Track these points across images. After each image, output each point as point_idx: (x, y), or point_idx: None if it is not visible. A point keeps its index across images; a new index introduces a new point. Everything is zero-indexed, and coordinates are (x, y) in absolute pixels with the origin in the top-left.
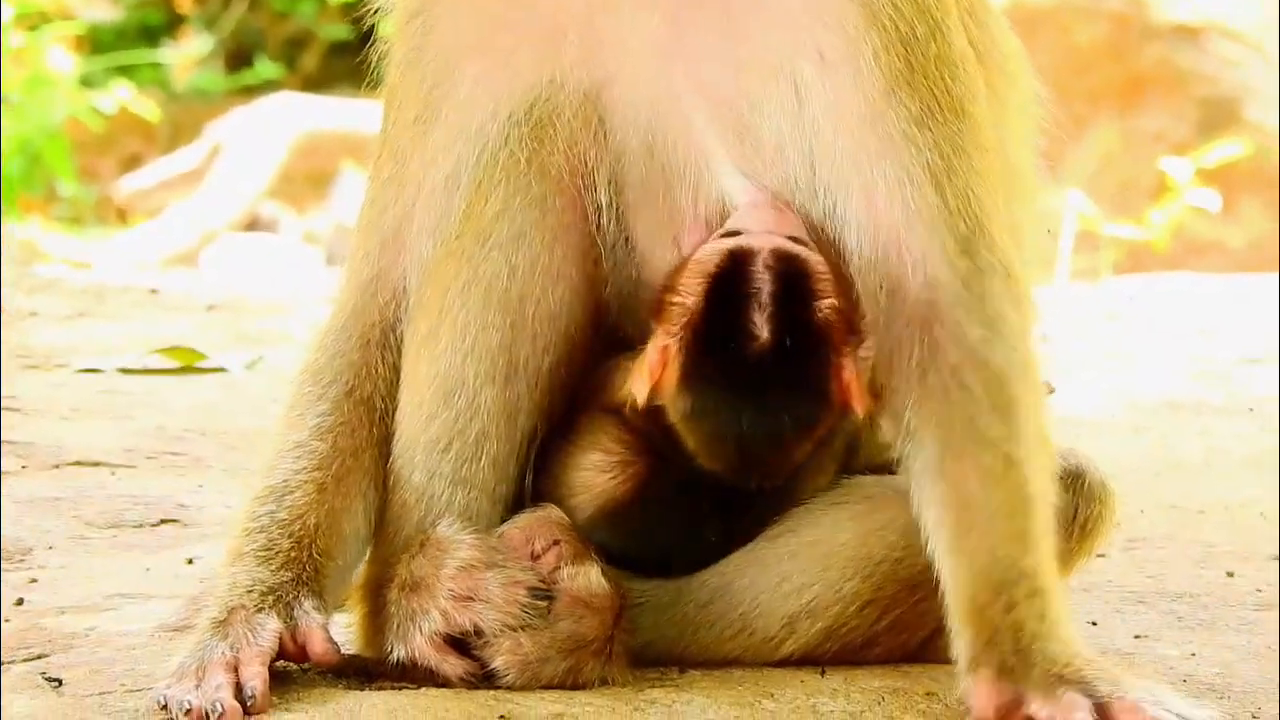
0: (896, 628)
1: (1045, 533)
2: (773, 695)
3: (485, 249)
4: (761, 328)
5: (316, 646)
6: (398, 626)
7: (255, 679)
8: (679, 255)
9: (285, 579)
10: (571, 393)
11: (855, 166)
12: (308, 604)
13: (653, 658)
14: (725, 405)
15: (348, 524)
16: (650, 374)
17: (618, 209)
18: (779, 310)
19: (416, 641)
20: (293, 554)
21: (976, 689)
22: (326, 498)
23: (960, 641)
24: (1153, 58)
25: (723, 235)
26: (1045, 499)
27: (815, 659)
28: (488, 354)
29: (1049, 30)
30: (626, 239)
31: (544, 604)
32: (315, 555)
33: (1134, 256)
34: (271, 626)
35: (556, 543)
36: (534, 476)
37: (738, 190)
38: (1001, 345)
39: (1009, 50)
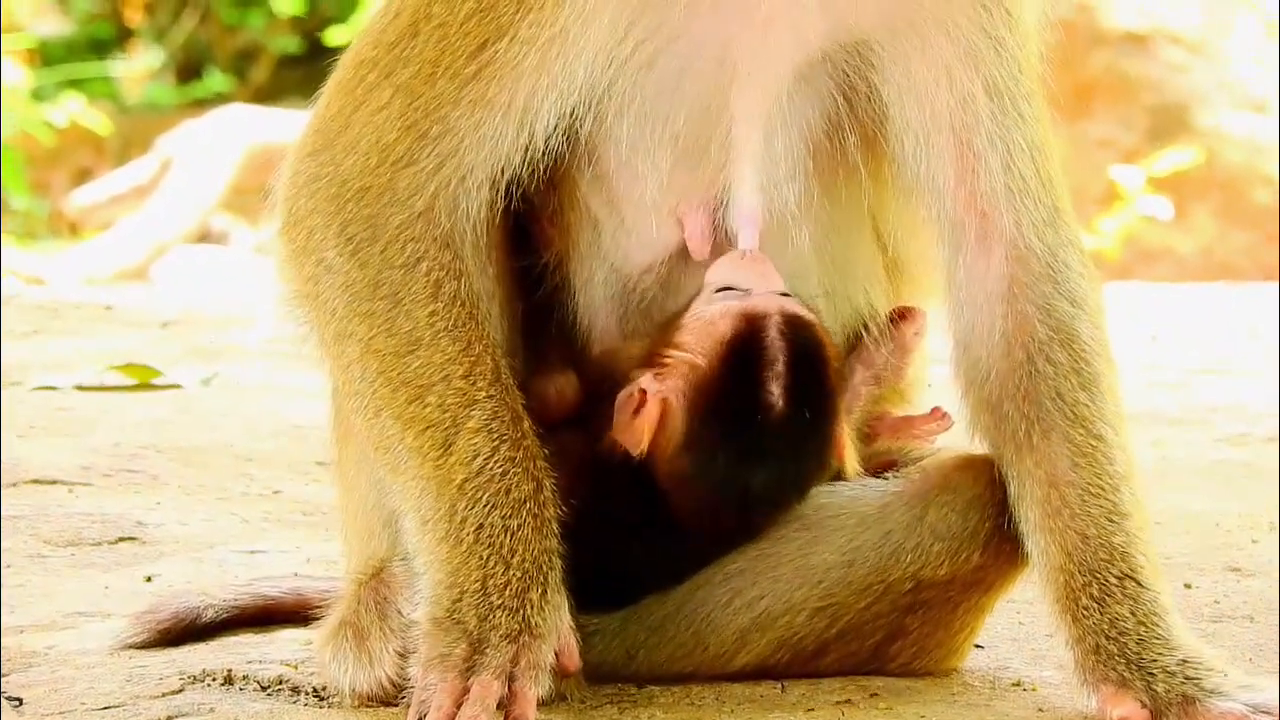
0: (847, 634)
1: (1134, 509)
2: (731, 712)
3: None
4: (779, 397)
5: (572, 664)
6: (349, 664)
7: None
8: (679, 236)
9: (555, 575)
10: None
11: (960, 135)
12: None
13: (606, 678)
14: (732, 471)
15: None
16: (648, 428)
17: (610, 178)
18: (795, 379)
19: (363, 685)
20: (549, 512)
21: (1106, 704)
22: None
23: (1061, 633)
24: (1101, 65)
25: (718, 291)
26: (1131, 476)
27: (768, 670)
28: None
29: None
30: (614, 210)
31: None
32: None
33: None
34: (547, 657)
35: None
36: None
37: (749, 184)
38: (1086, 320)
39: None
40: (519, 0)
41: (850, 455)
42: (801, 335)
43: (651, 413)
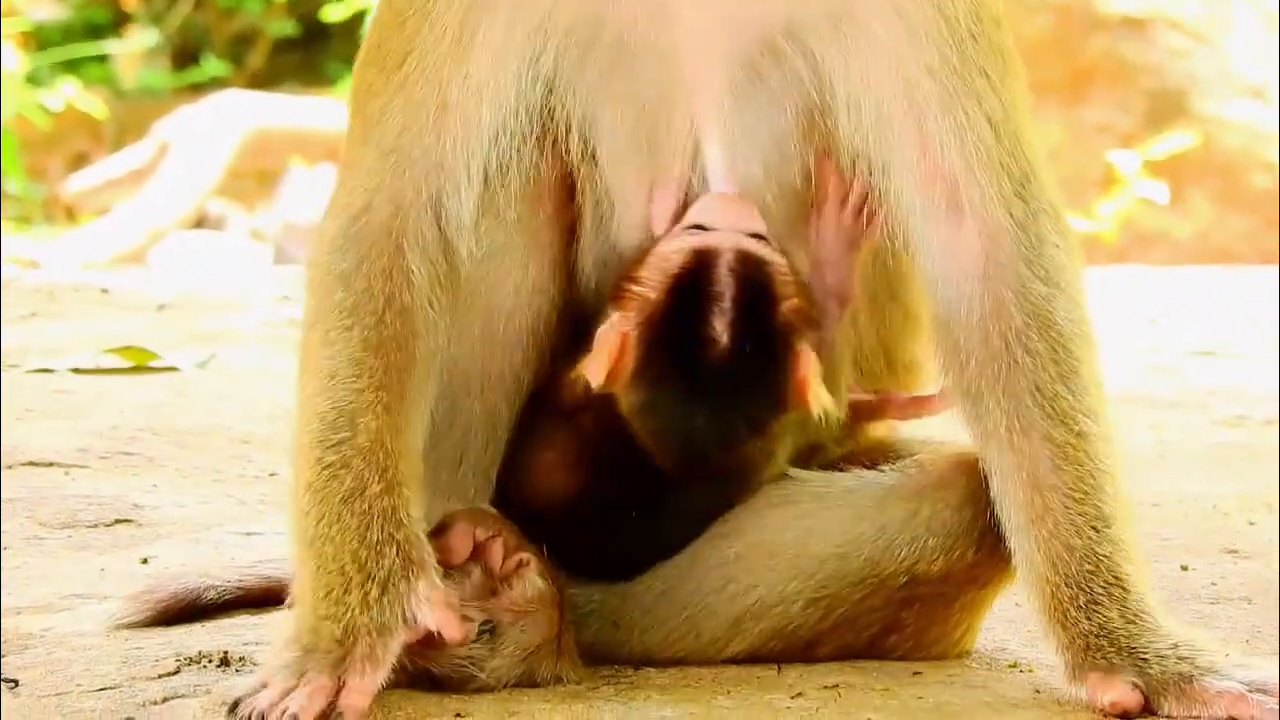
0: (842, 626)
1: (1117, 511)
2: (728, 693)
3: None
4: (721, 333)
5: (456, 635)
6: None
7: (352, 708)
8: (649, 213)
9: (391, 563)
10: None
11: (911, 112)
12: (422, 588)
13: (598, 658)
14: (678, 404)
15: (415, 440)
16: (608, 359)
17: (601, 163)
18: (739, 315)
19: None
20: (386, 504)
21: (1095, 691)
22: (394, 418)
23: (1052, 643)
24: (1099, 49)
25: (686, 228)
26: (1114, 472)
27: (762, 658)
28: (458, 367)
29: None
30: (608, 196)
31: (489, 636)
32: (403, 490)
33: (1083, 249)
34: (393, 650)
35: (497, 535)
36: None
37: (719, 156)
38: (1063, 301)
39: None
40: (423, 13)
41: (817, 395)
42: (753, 274)
43: (610, 345)
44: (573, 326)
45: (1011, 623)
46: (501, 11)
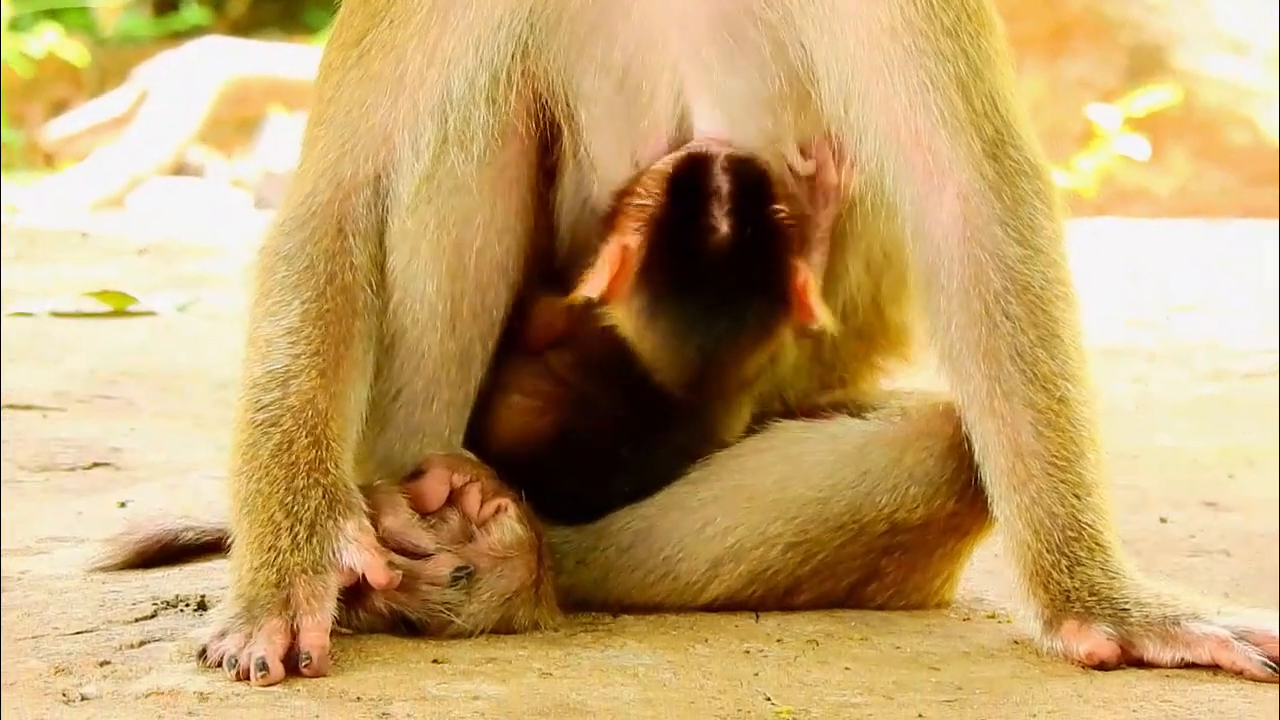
0: (821, 572)
1: (1099, 478)
2: (706, 640)
3: (424, 198)
4: (721, 221)
5: (380, 579)
6: None
7: (314, 646)
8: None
9: (317, 504)
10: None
11: (876, 74)
12: (349, 528)
13: (576, 602)
14: (684, 301)
15: (351, 408)
16: (610, 270)
17: (581, 125)
18: (737, 206)
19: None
20: (313, 455)
21: (1070, 641)
22: (329, 382)
23: (1032, 606)
24: (1080, 4)
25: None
26: (1095, 437)
27: (741, 604)
28: (425, 302)
29: None
30: (588, 156)
31: (466, 582)
32: (332, 445)
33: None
34: (332, 587)
35: (474, 480)
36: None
37: (707, 114)
38: (1040, 262)
39: None
40: None
41: (814, 304)
42: (747, 169)
43: (611, 256)
44: (548, 272)
45: (990, 573)
46: None
